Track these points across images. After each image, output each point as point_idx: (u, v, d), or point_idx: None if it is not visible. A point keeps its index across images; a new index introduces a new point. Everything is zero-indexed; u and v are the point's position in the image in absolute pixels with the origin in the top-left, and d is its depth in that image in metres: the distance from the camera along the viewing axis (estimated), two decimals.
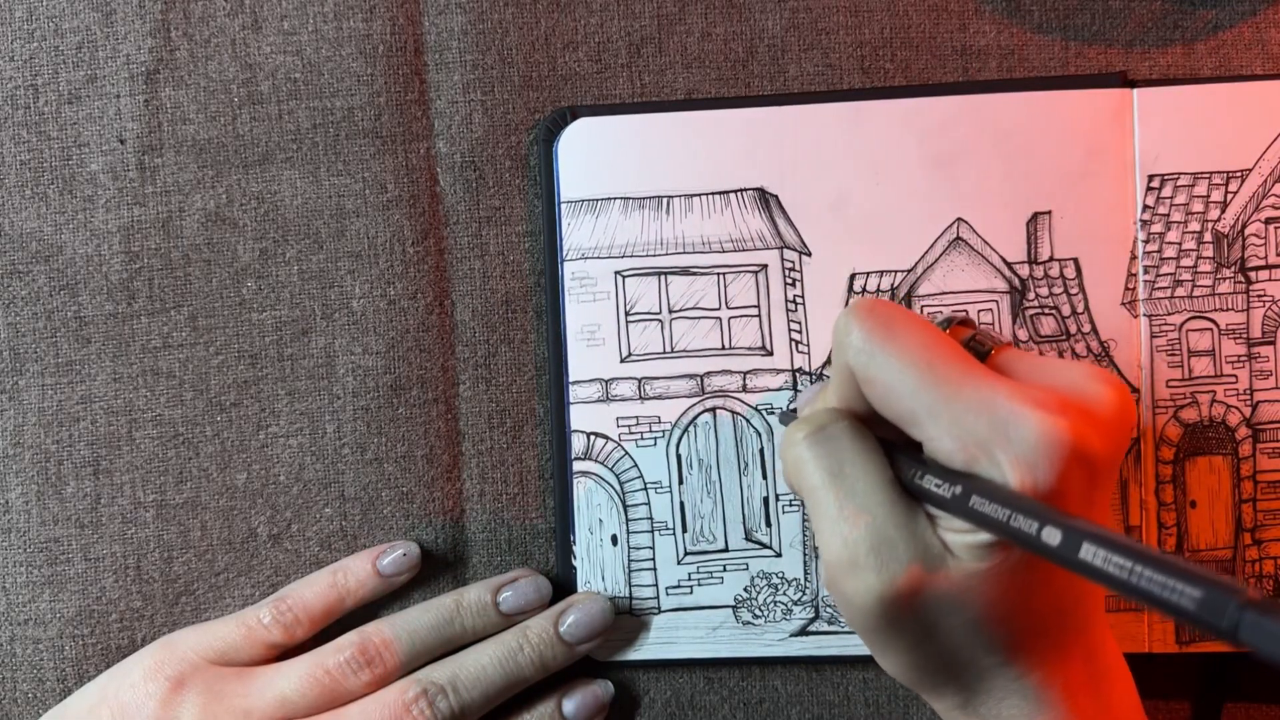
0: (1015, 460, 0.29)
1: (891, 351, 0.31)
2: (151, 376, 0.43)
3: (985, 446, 0.29)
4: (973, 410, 0.30)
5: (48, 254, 0.43)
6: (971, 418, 0.30)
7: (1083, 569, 0.27)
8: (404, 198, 0.43)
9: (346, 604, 0.42)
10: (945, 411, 0.30)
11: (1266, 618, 0.23)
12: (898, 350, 0.31)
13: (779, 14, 0.42)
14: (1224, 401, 0.41)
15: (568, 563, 0.42)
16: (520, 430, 0.43)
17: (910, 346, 0.31)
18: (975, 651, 0.32)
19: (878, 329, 0.31)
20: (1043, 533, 0.28)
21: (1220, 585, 0.24)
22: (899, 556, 0.31)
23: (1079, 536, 0.27)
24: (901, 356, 0.31)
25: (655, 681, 0.43)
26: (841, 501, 0.31)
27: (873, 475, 0.32)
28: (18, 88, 0.43)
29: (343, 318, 0.43)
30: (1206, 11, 0.42)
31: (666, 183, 0.41)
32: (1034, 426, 0.29)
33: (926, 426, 0.31)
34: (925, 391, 0.30)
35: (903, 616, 0.31)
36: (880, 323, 0.31)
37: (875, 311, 0.32)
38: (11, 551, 0.43)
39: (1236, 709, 0.43)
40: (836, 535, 0.31)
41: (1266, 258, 0.41)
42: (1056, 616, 0.32)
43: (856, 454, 0.32)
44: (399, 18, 0.42)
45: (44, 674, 0.43)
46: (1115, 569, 0.26)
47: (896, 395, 0.31)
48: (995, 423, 0.29)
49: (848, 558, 0.31)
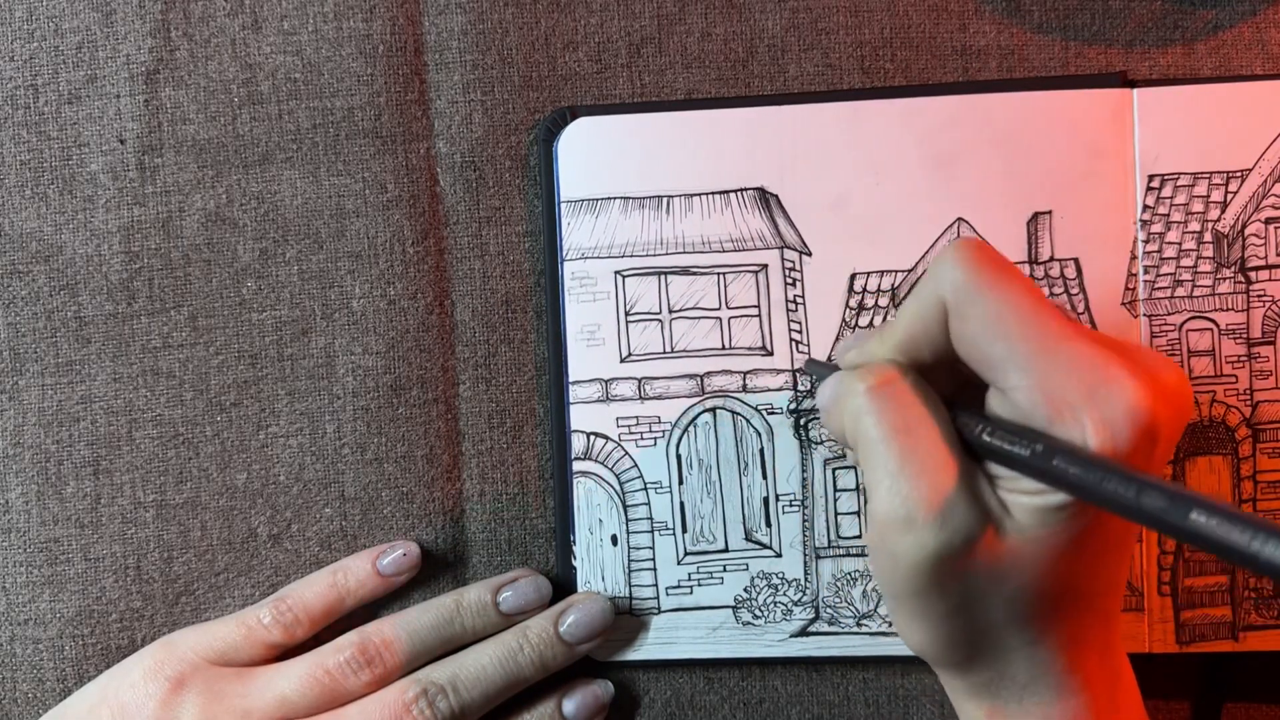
0: (1101, 422, 0.28)
1: (999, 290, 0.30)
2: (151, 376, 0.43)
3: (1073, 403, 0.29)
4: (1070, 364, 0.29)
5: (48, 254, 0.43)
6: (1065, 372, 0.29)
7: (1190, 537, 0.25)
8: (404, 198, 0.43)
9: (346, 604, 0.42)
10: (1041, 360, 0.29)
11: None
12: (1004, 290, 0.30)
13: (779, 14, 0.42)
14: (1224, 401, 0.41)
15: (568, 563, 0.42)
16: (520, 430, 0.43)
17: (1018, 290, 0.30)
18: (1010, 628, 0.32)
19: (988, 265, 0.30)
20: (1143, 497, 0.26)
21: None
22: (960, 516, 0.30)
23: (1188, 502, 0.25)
24: (1008, 297, 0.30)
25: (655, 681, 0.43)
26: (904, 457, 0.30)
27: (937, 432, 0.31)
28: (18, 88, 0.43)
29: (343, 318, 0.43)
30: (1206, 11, 0.42)
31: (666, 182, 0.41)
32: (1128, 391, 0.28)
33: (1015, 374, 0.30)
34: (1026, 337, 0.29)
35: (949, 581, 0.30)
36: (990, 260, 0.31)
37: (985, 249, 0.31)
38: (11, 551, 0.43)
39: (1236, 709, 0.43)
40: (895, 492, 0.30)
41: (1266, 258, 0.41)
42: (1092, 598, 0.32)
43: (922, 409, 0.31)
44: (399, 18, 0.42)
45: (44, 674, 0.43)
46: (1234, 538, 0.24)
47: (993, 336, 0.30)
48: (1091, 383, 0.29)
49: (904, 515, 0.30)
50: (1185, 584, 0.41)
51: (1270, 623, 0.41)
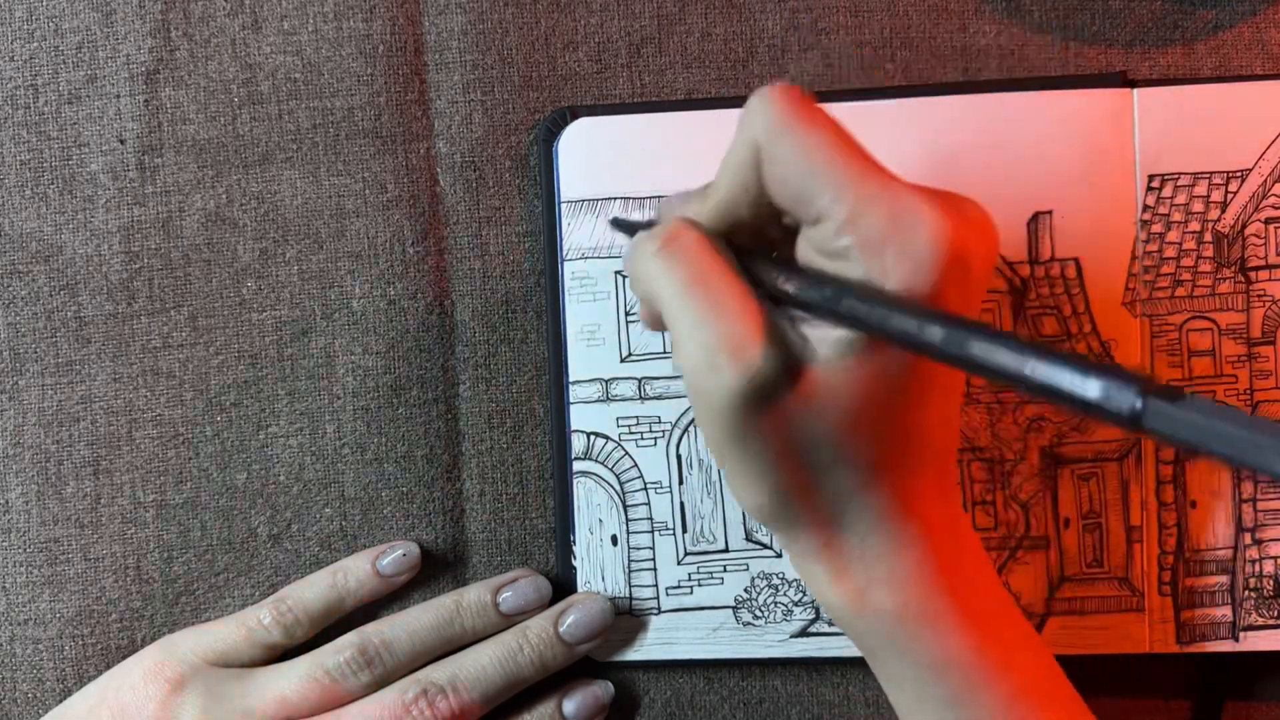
0: (903, 254, 0.29)
1: (808, 127, 0.31)
2: (151, 376, 0.43)
3: (879, 236, 0.29)
4: (875, 196, 0.30)
5: (48, 254, 0.43)
6: (871, 203, 0.30)
7: (969, 364, 0.26)
8: (404, 198, 0.43)
9: (346, 604, 0.42)
10: (849, 193, 0.30)
11: (1172, 404, 0.23)
12: (814, 127, 0.31)
13: (779, 14, 0.42)
14: (1224, 401, 0.41)
15: (568, 563, 0.42)
16: (520, 430, 0.43)
17: (827, 129, 0.31)
18: (838, 471, 0.32)
19: (798, 106, 0.31)
20: (925, 330, 0.27)
21: (1121, 373, 0.24)
22: (763, 353, 0.30)
23: (965, 332, 0.26)
24: (818, 133, 0.31)
25: (655, 681, 0.43)
26: (701, 305, 0.31)
27: (729, 279, 0.31)
28: (18, 88, 0.43)
29: (343, 318, 0.43)
30: (1206, 11, 0.42)
31: (667, 183, 0.41)
32: (929, 222, 0.29)
33: (827, 207, 0.30)
34: (835, 170, 0.30)
35: (763, 422, 0.31)
36: (800, 101, 0.31)
37: (794, 91, 0.32)
38: (11, 551, 0.43)
39: (1236, 709, 0.43)
40: (696, 340, 0.31)
41: (1266, 258, 0.41)
42: (918, 440, 0.32)
43: (711, 258, 0.32)
44: (399, 18, 0.42)
45: (44, 674, 0.43)
46: (1007, 362, 0.25)
47: (804, 171, 0.30)
48: (894, 213, 0.29)
49: (707, 361, 0.30)
50: (1185, 584, 0.41)
51: (1270, 623, 0.41)
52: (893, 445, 0.32)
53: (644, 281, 0.33)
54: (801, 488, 0.32)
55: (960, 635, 0.32)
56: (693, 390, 0.31)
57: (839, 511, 0.32)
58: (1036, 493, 0.42)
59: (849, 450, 0.31)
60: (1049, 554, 0.42)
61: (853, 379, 0.30)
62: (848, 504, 0.32)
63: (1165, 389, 0.23)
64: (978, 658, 0.32)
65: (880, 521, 0.32)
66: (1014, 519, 0.42)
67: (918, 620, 0.32)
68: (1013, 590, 0.42)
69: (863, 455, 0.31)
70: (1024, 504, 0.42)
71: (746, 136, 0.31)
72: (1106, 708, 0.43)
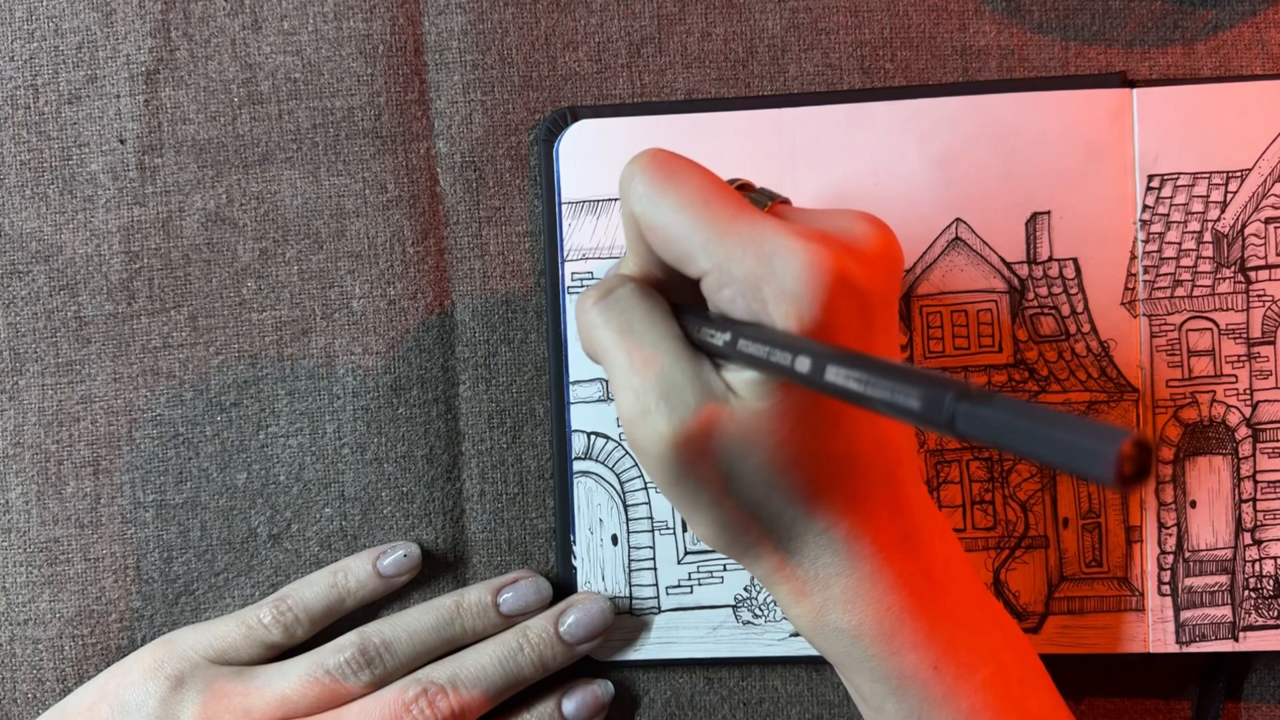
0: (780, 294, 0.30)
1: (671, 193, 0.32)
2: (151, 376, 0.43)
3: (753, 282, 0.30)
4: (741, 244, 0.31)
5: (48, 254, 0.43)
6: (740, 251, 0.31)
7: (832, 390, 0.27)
8: (404, 198, 0.43)
9: (347, 604, 0.42)
10: (718, 248, 0.31)
11: (979, 407, 0.23)
12: (677, 192, 0.32)
13: (779, 14, 0.42)
14: (1224, 401, 0.41)
15: (568, 563, 0.42)
16: (520, 430, 0.43)
17: (689, 188, 0.32)
18: (777, 502, 0.32)
19: (659, 173, 0.32)
20: (796, 362, 0.28)
21: (935, 381, 0.24)
22: (686, 400, 0.31)
23: (824, 359, 0.27)
24: (680, 197, 0.32)
25: (655, 681, 0.43)
26: (631, 355, 0.32)
27: (659, 329, 0.33)
28: (18, 88, 0.43)
29: (343, 318, 0.43)
30: (1206, 11, 0.42)
31: None
32: (796, 257, 0.30)
33: (701, 263, 0.31)
34: (700, 229, 0.31)
35: (697, 463, 0.32)
36: (661, 168, 0.33)
37: (657, 158, 0.33)
38: (11, 551, 0.43)
39: (1236, 709, 0.43)
40: (628, 389, 0.32)
41: (1266, 258, 0.41)
42: (853, 464, 0.33)
43: (643, 311, 0.33)
44: (399, 18, 0.42)
45: (44, 674, 0.43)
46: (855, 384, 0.26)
47: (674, 236, 0.32)
48: (761, 256, 0.30)
49: (639, 408, 0.32)
50: (1185, 584, 0.41)
51: (1270, 623, 0.41)
52: (827, 474, 0.32)
53: (585, 331, 0.34)
54: (745, 520, 0.33)
55: (918, 652, 0.33)
56: (629, 437, 0.33)
57: (787, 538, 0.33)
58: (1036, 492, 0.42)
59: (783, 484, 0.32)
60: (1048, 554, 0.42)
61: (771, 417, 0.31)
62: (794, 530, 0.33)
63: (975, 393, 0.24)
64: (935, 674, 0.33)
65: (830, 544, 0.33)
66: (1013, 518, 0.42)
67: (873, 638, 0.33)
68: (1011, 590, 0.42)
69: (797, 488, 0.32)
70: (1023, 503, 0.42)
71: (626, 212, 0.33)
72: (1106, 708, 0.43)
